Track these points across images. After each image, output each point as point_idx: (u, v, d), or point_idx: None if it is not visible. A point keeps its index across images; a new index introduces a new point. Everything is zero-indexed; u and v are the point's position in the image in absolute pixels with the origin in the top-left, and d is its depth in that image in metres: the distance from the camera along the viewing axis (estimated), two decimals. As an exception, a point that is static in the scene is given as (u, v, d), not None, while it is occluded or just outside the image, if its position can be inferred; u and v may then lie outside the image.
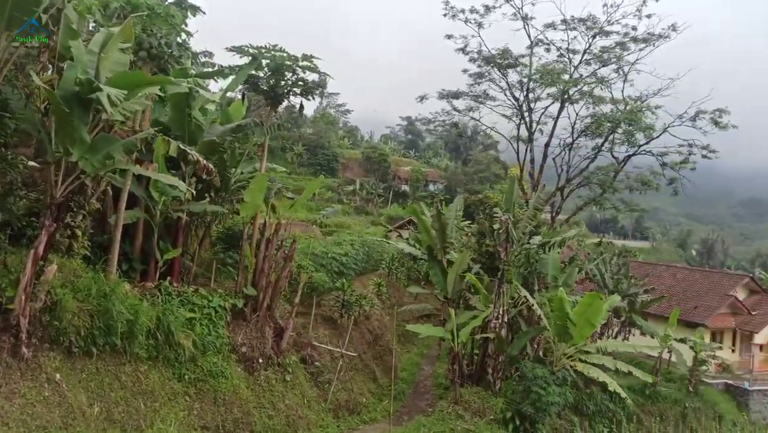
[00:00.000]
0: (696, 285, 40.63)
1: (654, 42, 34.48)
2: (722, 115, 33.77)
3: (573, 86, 34.59)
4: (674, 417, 29.38)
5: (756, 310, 38.13)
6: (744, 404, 32.13)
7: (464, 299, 24.63)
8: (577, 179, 37.48)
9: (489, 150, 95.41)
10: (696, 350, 31.11)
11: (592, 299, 19.94)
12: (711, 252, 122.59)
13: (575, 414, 23.58)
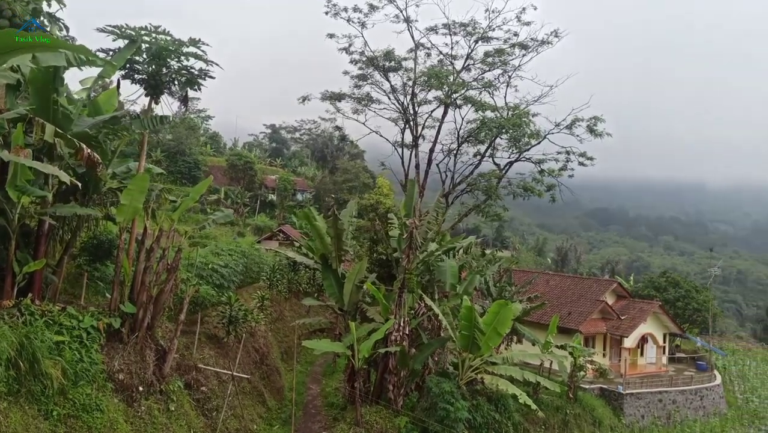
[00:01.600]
0: (568, 291, 43.83)
1: (536, 48, 36.78)
2: (597, 123, 36.69)
3: (461, 88, 35.77)
4: (557, 425, 31.24)
5: (624, 314, 41.96)
6: (619, 408, 34.97)
7: (361, 311, 24.30)
8: (461, 185, 38.86)
9: (356, 159, 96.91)
10: (575, 356, 33.41)
11: (500, 307, 20.47)
12: (565, 259, 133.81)
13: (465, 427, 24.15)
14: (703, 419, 37.86)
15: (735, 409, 41.05)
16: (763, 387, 47.57)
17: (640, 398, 36.15)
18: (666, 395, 37.59)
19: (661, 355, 44.91)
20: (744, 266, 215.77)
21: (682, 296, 58.42)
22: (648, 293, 58.27)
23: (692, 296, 58.64)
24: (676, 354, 49.41)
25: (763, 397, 44.52)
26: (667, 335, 45.70)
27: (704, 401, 39.36)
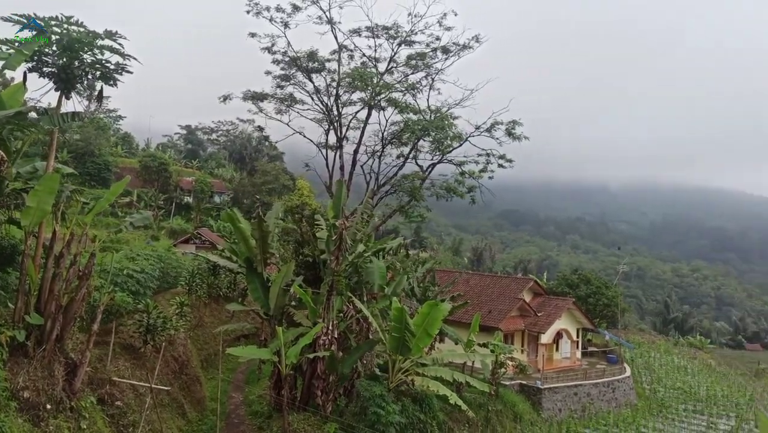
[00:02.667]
0: (488, 290, 44.57)
1: (458, 52, 37.20)
2: (515, 126, 37.58)
3: (385, 90, 35.65)
4: (480, 422, 31.56)
5: (541, 311, 43.10)
6: (537, 403, 35.79)
7: (288, 315, 23.48)
8: (385, 187, 38.72)
9: (275, 161, 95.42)
10: (496, 354, 33.92)
11: (430, 307, 20.28)
12: (481, 259, 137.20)
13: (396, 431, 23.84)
14: (616, 410, 39.36)
15: (644, 399, 43.00)
16: (667, 377, 50.17)
17: (557, 392, 37.16)
18: (581, 388, 38.84)
19: (575, 350, 46.48)
20: (643, 262, 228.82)
21: (593, 293, 60.85)
22: (562, 290, 60.29)
23: (602, 292, 61.20)
24: (589, 348, 51.30)
25: (668, 387, 46.93)
26: (580, 330, 47.35)
27: (616, 393, 40.97)
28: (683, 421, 37.99)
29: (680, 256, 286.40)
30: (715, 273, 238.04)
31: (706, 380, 51.09)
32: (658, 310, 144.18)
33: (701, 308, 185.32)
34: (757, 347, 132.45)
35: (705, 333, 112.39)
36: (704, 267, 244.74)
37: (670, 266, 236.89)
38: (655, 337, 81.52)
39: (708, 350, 76.47)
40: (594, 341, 55.36)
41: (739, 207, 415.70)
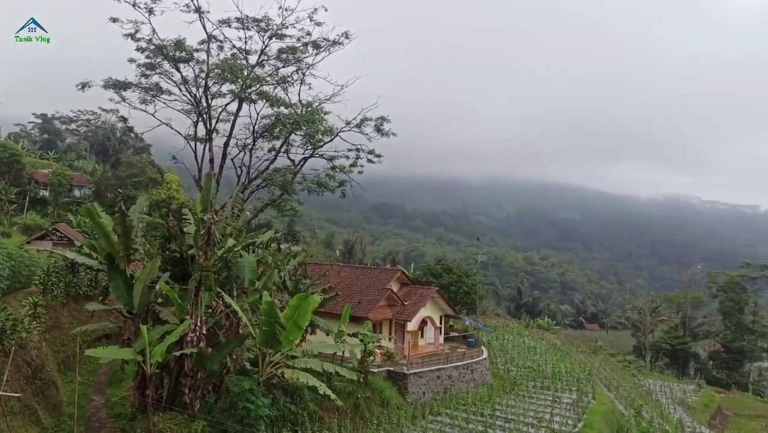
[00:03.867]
0: (358, 281, 45.30)
1: (329, 48, 37.16)
2: (384, 123, 38.31)
3: (256, 83, 34.88)
4: (350, 409, 32.11)
5: (407, 300, 44.52)
6: (404, 388, 36.98)
7: (153, 313, 22.45)
8: (257, 181, 37.98)
9: (141, 153, 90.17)
10: (365, 343, 34.66)
11: (300, 300, 20.32)
12: (352, 251, 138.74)
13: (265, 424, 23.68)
14: (474, 390, 41.63)
15: (499, 378, 45.84)
16: (519, 358, 53.83)
17: (422, 377, 38.61)
18: (443, 371, 40.64)
19: (438, 335, 48.51)
20: (499, 252, 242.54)
21: (455, 281, 63.74)
22: (427, 279, 62.56)
23: (463, 281, 64.28)
24: (451, 334, 53.77)
25: (519, 366, 50.37)
26: (443, 316, 49.49)
27: (474, 374, 43.34)
28: (532, 397, 41.03)
29: (532, 245, 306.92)
30: (561, 261, 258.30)
31: (552, 358, 55.45)
32: (512, 295, 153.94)
33: (549, 292, 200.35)
34: (596, 326, 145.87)
35: (552, 315, 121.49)
36: (552, 255, 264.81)
37: (523, 255, 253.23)
38: (509, 321, 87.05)
39: (554, 331, 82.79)
40: (455, 327, 58.08)
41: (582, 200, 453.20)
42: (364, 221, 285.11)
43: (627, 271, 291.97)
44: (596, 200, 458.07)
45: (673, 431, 39.44)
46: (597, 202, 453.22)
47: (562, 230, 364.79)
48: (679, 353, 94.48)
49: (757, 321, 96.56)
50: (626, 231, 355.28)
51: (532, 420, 34.84)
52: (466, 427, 33.05)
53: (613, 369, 66.42)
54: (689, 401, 61.88)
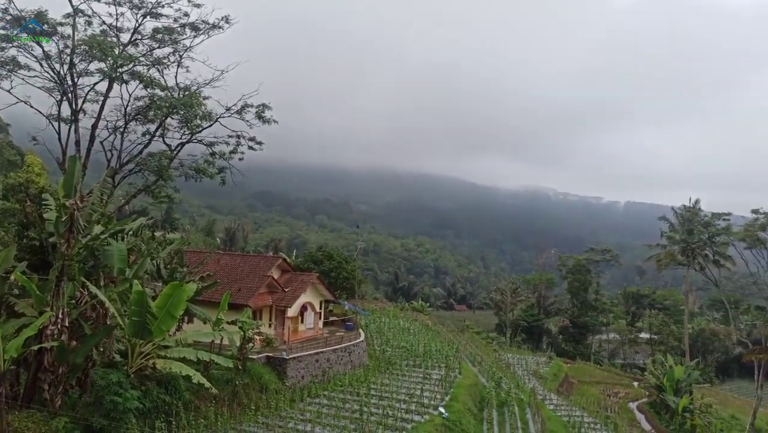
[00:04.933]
0: (238, 269, 43.78)
1: (208, 31, 35.03)
2: (265, 110, 36.92)
3: (128, 62, 32.13)
4: (227, 397, 30.99)
5: (288, 287, 43.68)
6: (283, 372, 36.28)
7: (8, 305, 20.09)
8: (129, 165, 35.24)
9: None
10: (244, 330, 33.58)
11: (174, 289, 19.05)
12: (234, 239, 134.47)
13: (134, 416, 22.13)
14: (351, 371, 41.80)
15: (375, 359, 46.38)
16: (395, 338, 54.85)
17: (301, 361, 38.11)
18: (322, 355, 40.38)
19: (318, 320, 48.15)
20: (379, 239, 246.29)
21: (335, 267, 63.64)
22: (308, 266, 61.89)
23: (343, 267, 64.34)
24: (330, 318, 53.58)
25: (395, 346, 51.30)
26: (323, 302, 49.18)
27: (352, 356, 43.50)
28: (405, 375, 41.92)
29: (409, 233, 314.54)
30: (435, 247, 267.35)
31: (424, 338, 57.08)
32: (390, 280, 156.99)
33: (424, 277, 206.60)
34: (464, 307, 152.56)
35: (426, 298, 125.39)
36: (427, 242, 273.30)
37: (401, 242, 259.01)
38: (387, 304, 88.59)
39: (427, 312, 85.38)
40: (335, 311, 57.98)
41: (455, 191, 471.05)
42: (246, 208, 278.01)
43: (492, 256, 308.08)
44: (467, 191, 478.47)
45: (527, 398, 41.91)
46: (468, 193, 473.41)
47: (437, 219, 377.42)
48: (535, 329, 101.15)
49: (599, 299, 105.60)
50: (493, 220, 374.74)
51: (404, 396, 35.53)
52: (343, 407, 33.04)
53: (478, 346, 69.66)
54: (541, 371, 66.32)
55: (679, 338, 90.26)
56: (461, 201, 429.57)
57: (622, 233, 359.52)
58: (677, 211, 69.17)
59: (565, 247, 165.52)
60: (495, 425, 35.48)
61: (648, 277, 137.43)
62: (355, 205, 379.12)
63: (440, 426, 30.09)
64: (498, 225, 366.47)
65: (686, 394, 54.70)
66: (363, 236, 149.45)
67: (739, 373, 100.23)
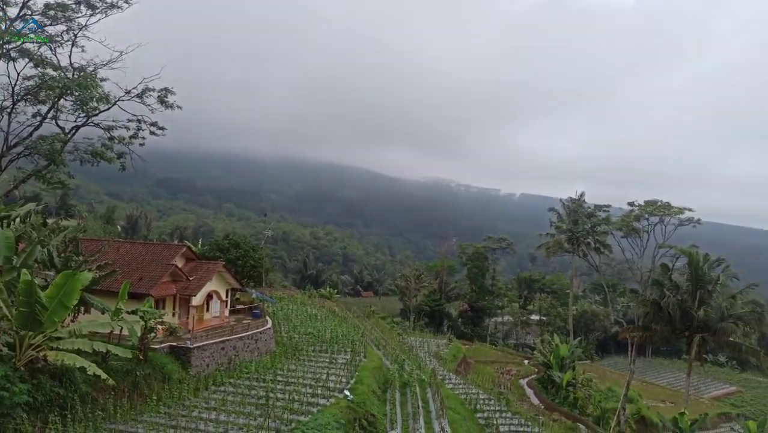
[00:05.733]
0: (140, 257, 41.68)
1: (105, 10, 32.75)
2: (168, 94, 35.16)
3: (16, 39, 29.46)
4: (127, 388, 29.59)
5: (193, 275, 42.16)
6: (187, 361, 35.03)
7: None
8: (18, 148, 32.42)
9: None
10: (146, 320, 32.08)
11: (66, 278, 17.82)
12: (136, 227, 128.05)
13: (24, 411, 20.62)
14: (258, 358, 41.09)
15: (282, 346, 45.84)
16: (302, 325, 54.43)
17: (206, 350, 36.98)
18: (228, 343, 39.38)
19: (224, 309, 46.91)
20: (288, 228, 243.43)
21: (242, 255, 62.23)
22: (214, 254, 60.09)
23: (250, 255, 63.02)
24: (237, 306, 52.37)
25: (302, 333, 50.91)
26: (230, 290, 47.94)
27: (258, 344, 42.75)
28: (312, 360, 41.78)
29: (318, 221, 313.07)
30: (343, 235, 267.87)
31: (331, 324, 57.10)
32: (298, 268, 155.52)
33: (332, 264, 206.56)
34: (371, 293, 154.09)
35: (334, 285, 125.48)
36: (335, 231, 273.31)
37: (309, 230, 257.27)
38: (295, 291, 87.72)
39: (335, 299, 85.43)
40: (242, 300, 56.75)
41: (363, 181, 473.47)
42: (150, 195, 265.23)
43: (398, 244, 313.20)
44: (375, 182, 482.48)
45: (427, 379, 43.10)
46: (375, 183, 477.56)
47: (346, 208, 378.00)
48: (436, 313, 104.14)
49: (495, 284, 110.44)
50: (399, 210, 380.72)
51: (310, 381, 35.44)
52: (249, 393, 32.48)
53: (383, 330, 70.72)
54: (442, 353, 68.48)
55: (564, 319, 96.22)
56: (369, 191, 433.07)
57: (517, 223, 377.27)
58: (564, 203, 73.52)
59: (466, 236, 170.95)
60: (397, 405, 36.23)
61: (539, 263, 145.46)
62: (264, 194, 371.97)
63: (345, 408, 30.29)
64: (403, 215, 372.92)
65: (570, 370, 58.43)
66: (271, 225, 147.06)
67: (615, 349, 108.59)
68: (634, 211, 62.74)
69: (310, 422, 27.32)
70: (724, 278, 53.17)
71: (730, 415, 74.50)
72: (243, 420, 28.09)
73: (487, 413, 40.69)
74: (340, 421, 27.93)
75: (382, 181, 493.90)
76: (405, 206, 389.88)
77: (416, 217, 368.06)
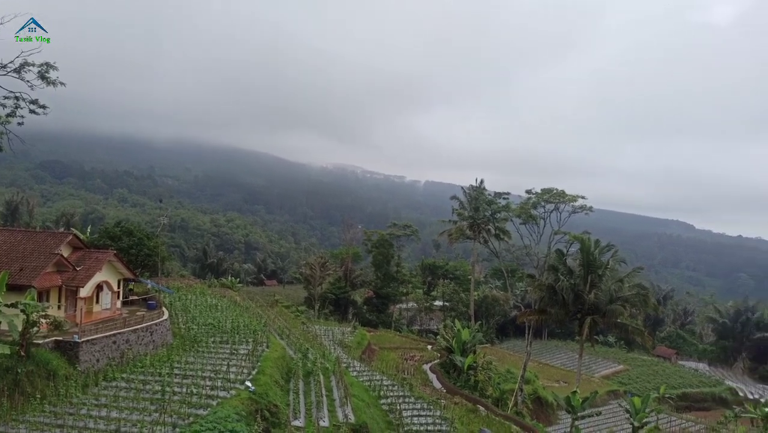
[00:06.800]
0: (20, 246, 38.91)
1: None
2: (49, 70, 32.77)
3: None
4: (8, 386, 27.80)
5: (80, 265, 39.88)
6: (74, 357, 33.22)
7: None
8: None
9: None
10: (27, 313, 30.13)
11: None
12: (16, 213, 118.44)
13: None
14: (153, 351, 39.66)
15: (179, 338, 44.44)
16: (201, 316, 52.93)
17: (96, 344, 35.26)
18: (120, 336, 37.73)
19: (116, 300, 44.83)
20: (186, 215, 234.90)
21: (136, 244, 59.48)
22: (104, 243, 57.00)
23: (144, 243, 60.35)
24: (130, 297, 50.12)
25: (200, 324, 49.55)
26: (122, 280, 45.84)
27: (154, 336, 41.23)
28: (212, 352, 40.87)
29: (218, 208, 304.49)
30: (245, 223, 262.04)
31: (232, 314, 55.98)
32: (198, 257, 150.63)
33: (234, 253, 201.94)
34: (274, 282, 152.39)
35: (236, 274, 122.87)
36: (237, 218, 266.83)
37: (210, 217, 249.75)
38: (194, 281, 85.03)
39: (237, 288, 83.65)
40: (136, 290, 54.36)
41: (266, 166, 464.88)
42: (32, 179, 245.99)
43: (303, 231, 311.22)
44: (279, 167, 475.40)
45: (332, 367, 43.60)
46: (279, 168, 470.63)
47: (248, 194, 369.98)
48: (342, 301, 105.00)
49: (400, 271, 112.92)
50: (303, 195, 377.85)
51: (210, 373, 34.78)
52: (144, 388, 31.41)
53: (287, 319, 70.43)
54: (346, 341, 69.33)
55: (466, 304, 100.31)
56: (273, 177, 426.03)
57: (422, 210, 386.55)
58: (466, 191, 76.26)
59: (371, 223, 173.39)
60: (301, 395, 36.41)
61: (443, 250, 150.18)
62: (160, 179, 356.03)
63: (246, 400, 30.09)
64: (309, 201, 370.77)
65: (471, 354, 61.15)
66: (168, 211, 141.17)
67: (514, 333, 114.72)
68: (531, 199, 66.04)
69: (209, 416, 26.94)
70: (613, 263, 57.60)
71: (618, 392, 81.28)
72: (137, 416, 27.23)
73: (390, 399, 41.85)
74: (241, 413, 27.76)
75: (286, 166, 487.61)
76: (310, 193, 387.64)
77: (321, 203, 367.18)
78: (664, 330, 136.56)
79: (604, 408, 71.42)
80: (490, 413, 48.17)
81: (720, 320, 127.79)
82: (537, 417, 61.01)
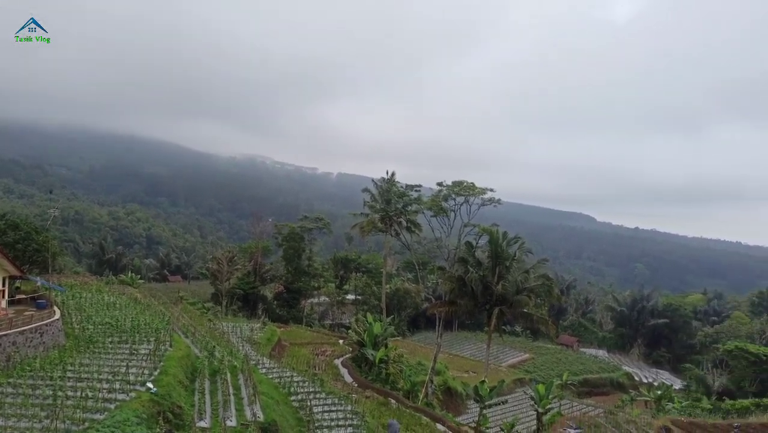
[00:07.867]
0: None
1: None
2: None
3: None
4: None
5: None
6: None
7: None
8: None
9: None
10: None
11: None
12: None
13: None
14: (44, 353, 37.40)
15: (73, 338, 42.11)
16: (97, 315, 50.35)
17: (-23, 347, 32.88)
18: (5, 338, 35.30)
19: (0, 299, 41.84)
20: (81, 207, 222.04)
21: (23, 238, 55.72)
22: (-15, 237, 53.01)
23: (32, 238, 56.63)
24: (17, 296, 46.92)
25: (97, 323, 47.15)
26: (7, 278, 42.86)
27: (44, 337, 38.89)
28: (109, 352, 39.04)
29: (117, 200, 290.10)
30: (147, 216, 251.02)
31: (132, 312, 53.67)
32: (94, 252, 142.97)
33: (134, 247, 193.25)
34: (179, 278, 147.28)
35: (137, 270, 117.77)
36: (138, 210, 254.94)
37: (107, 210, 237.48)
38: (90, 278, 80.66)
39: (138, 285, 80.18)
40: (23, 288, 50.90)
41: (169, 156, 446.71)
42: None
43: (210, 225, 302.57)
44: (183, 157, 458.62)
45: (239, 365, 42.96)
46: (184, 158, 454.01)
47: (150, 185, 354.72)
48: (251, 297, 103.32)
49: (311, 265, 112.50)
50: (210, 187, 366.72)
51: (107, 376, 33.29)
52: (33, 393, 29.59)
53: (192, 317, 68.41)
54: (255, 337, 68.38)
55: (378, 297, 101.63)
56: (177, 167, 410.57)
57: (334, 202, 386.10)
58: (377, 183, 77.10)
59: (282, 215, 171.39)
60: (207, 394, 35.62)
61: (355, 243, 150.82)
62: (51, 168, 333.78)
63: (147, 402, 29.09)
64: (216, 193, 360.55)
65: (383, 347, 62.20)
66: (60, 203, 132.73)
67: (426, 325, 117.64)
68: (442, 192, 67.82)
69: (107, 420, 25.86)
70: (520, 254, 60.38)
71: (524, 380, 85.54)
72: (25, 423, 25.65)
73: (301, 396, 41.85)
74: (142, 416, 26.85)
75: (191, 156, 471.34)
76: (217, 184, 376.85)
77: (229, 195, 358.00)
78: (567, 319, 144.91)
79: (510, 396, 74.91)
80: (401, 406, 49.32)
81: (618, 309, 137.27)
82: (447, 407, 63.14)
